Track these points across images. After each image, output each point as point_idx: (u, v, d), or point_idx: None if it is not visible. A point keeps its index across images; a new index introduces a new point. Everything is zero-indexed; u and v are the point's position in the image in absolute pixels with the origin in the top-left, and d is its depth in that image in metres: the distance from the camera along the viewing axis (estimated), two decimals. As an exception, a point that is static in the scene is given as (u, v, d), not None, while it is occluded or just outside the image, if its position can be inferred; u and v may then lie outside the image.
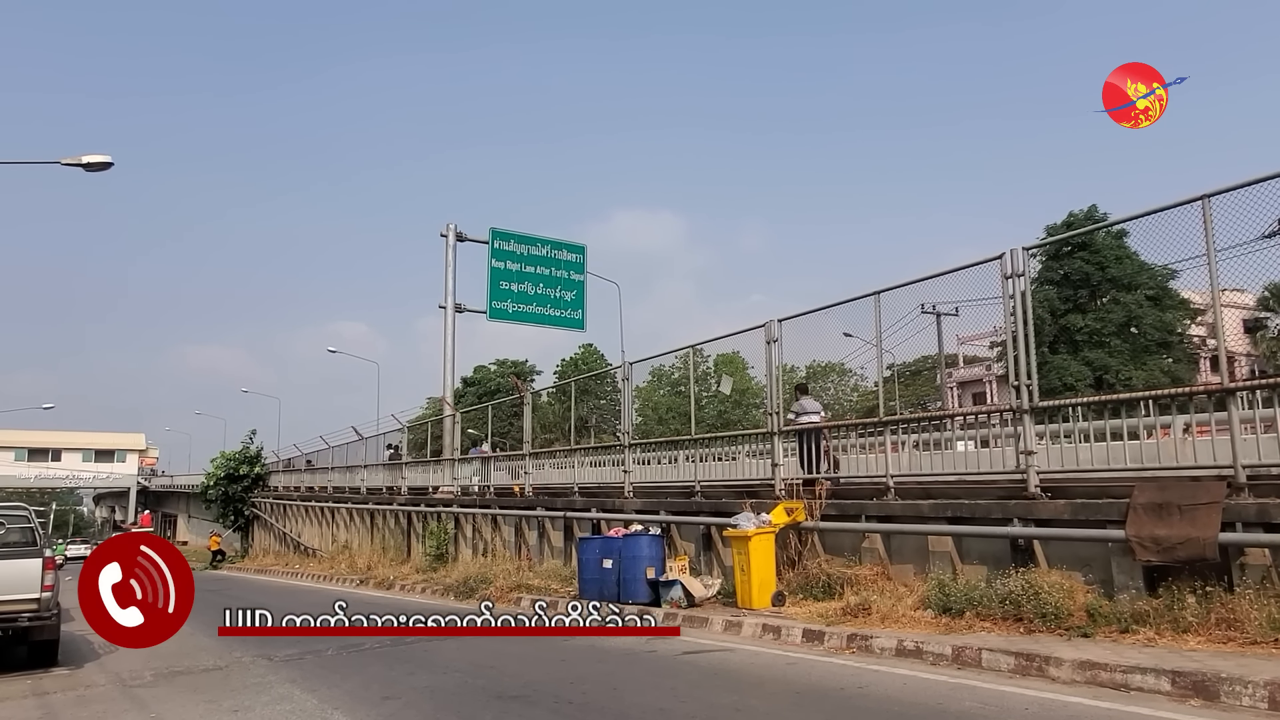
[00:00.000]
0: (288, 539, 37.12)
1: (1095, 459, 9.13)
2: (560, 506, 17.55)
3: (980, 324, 42.68)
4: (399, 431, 29.40)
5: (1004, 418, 10.58)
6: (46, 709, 7.68)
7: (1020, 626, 8.25)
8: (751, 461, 13.85)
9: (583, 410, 48.12)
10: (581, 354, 61.10)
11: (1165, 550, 7.73)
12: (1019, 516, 9.24)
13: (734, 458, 14.76)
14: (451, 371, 28.28)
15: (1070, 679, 6.74)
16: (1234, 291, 14.41)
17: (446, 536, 21.73)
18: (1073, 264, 37.37)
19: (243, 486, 42.59)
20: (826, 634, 8.99)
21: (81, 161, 16.33)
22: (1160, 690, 6.23)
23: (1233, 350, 24.97)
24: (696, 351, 17.35)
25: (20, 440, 74.22)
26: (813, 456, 12.25)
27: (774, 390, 13.06)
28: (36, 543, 10.76)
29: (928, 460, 11.14)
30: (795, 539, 11.71)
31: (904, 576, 10.38)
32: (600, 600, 12.66)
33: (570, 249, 29.65)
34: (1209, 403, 8.57)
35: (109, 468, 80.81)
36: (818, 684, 7.21)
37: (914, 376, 46.26)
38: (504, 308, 27.83)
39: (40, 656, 9.91)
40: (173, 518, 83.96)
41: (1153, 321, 36.24)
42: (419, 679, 8.15)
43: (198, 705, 7.40)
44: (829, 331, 12.73)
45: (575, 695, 7.10)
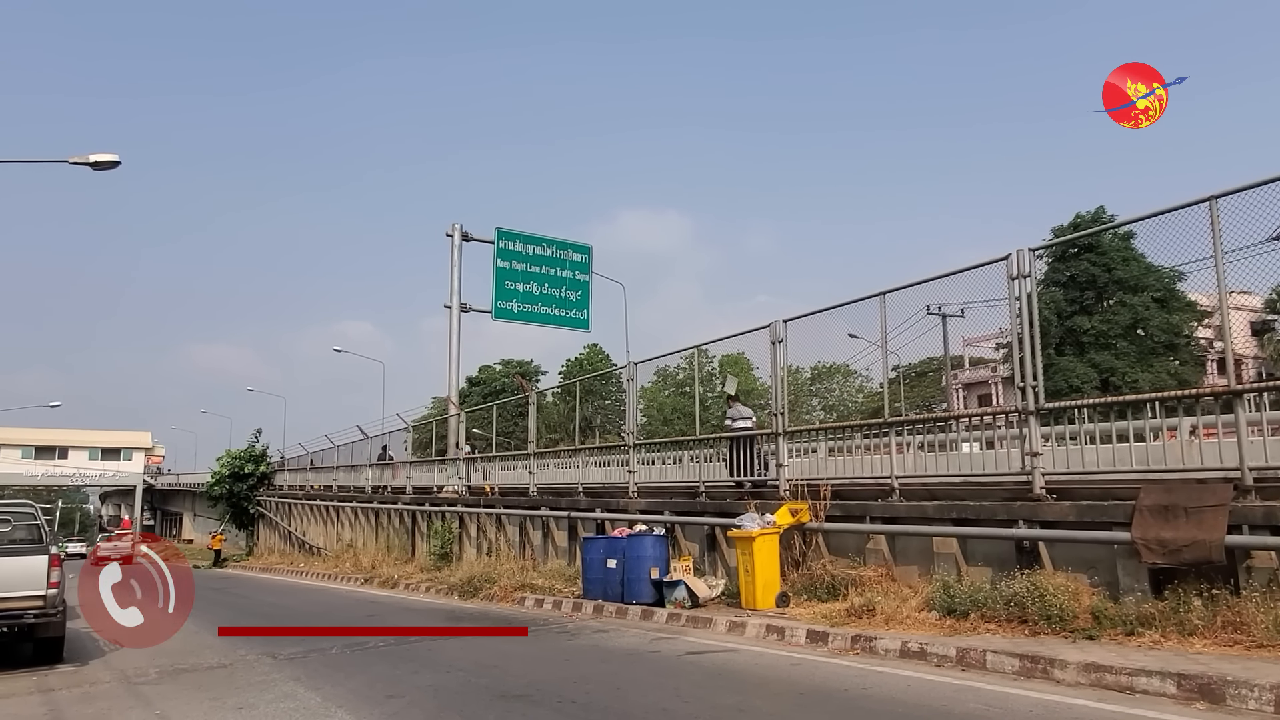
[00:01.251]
0: (293, 538, 37.21)
1: (1101, 461, 9.10)
2: (565, 506, 17.56)
3: (986, 325, 42.78)
4: (404, 431, 29.43)
5: (1009, 419, 10.56)
6: (52, 706, 7.70)
7: (1025, 628, 8.23)
8: (756, 462, 13.80)
9: (587, 410, 48.14)
10: (586, 354, 61.19)
11: (1171, 553, 7.70)
12: (1024, 518, 9.21)
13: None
14: (456, 371, 28.31)
15: (1075, 681, 6.72)
16: (1241, 294, 14.32)
17: (451, 536, 21.76)
18: (1079, 265, 37.27)
19: (248, 485, 42.70)
20: (831, 635, 8.98)
21: (89, 160, 16.39)
22: (1166, 693, 6.21)
23: (1240, 353, 24.88)
24: (701, 352, 17.34)
25: (27, 438, 74.58)
26: (743, 461, 13.29)
27: (779, 391, 13.05)
28: (42, 540, 10.80)
29: (933, 461, 11.11)
30: (799, 540, 11.70)
31: (908, 578, 10.36)
32: (605, 600, 12.71)
33: (575, 249, 29.66)
34: (1216, 405, 8.53)
35: (115, 466, 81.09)
36: (822, 685, 7.20)
37: (919, 378, 46.16)
38: (509, 308, 27.84)
39: (45, 653, 9.95)
40: (178, 516, 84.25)
41: (1159, 323, 36.12)
42: (423, 678, 8.16)
43: (202, 703, 7.41)
44: (834, 332, 12.72)
45: (578, 695, 7.10)
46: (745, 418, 14.01)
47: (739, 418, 13.95)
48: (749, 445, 13.37)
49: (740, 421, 13.88)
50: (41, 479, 75.89)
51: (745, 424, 13.86)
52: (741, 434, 13.58)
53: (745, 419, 13.98)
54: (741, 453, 13.42)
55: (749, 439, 13.48)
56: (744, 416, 14.03)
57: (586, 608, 12.85)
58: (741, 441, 13.49)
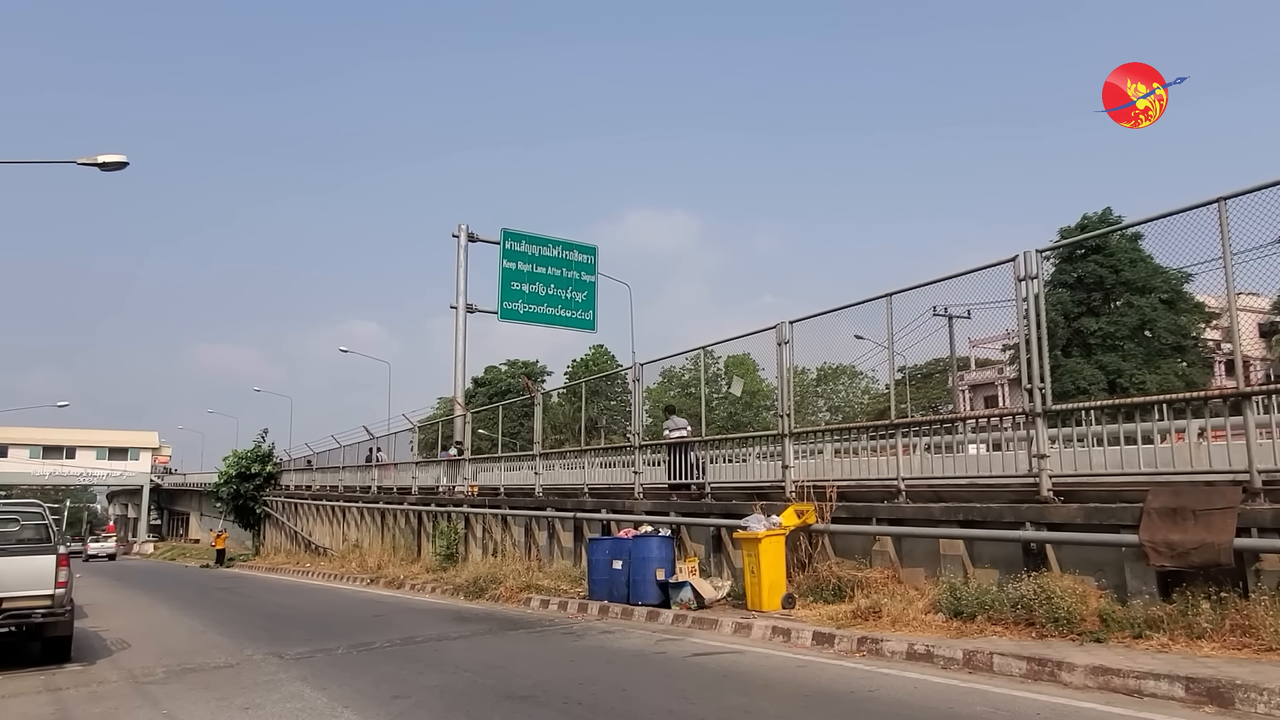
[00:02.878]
0: (299, 537, 37.27)
1: (1109, 463, 9.07)
2: (570, 507, 17.55)
3: (993, 327, 42.68)
4: (409, 431, 29.46)
5: (1016, 421, 10.52)
6: (59, 705, 7.73)
7: (1032, 631, 8.20)
8: (762, 463, 13.80)
9: (593, 411, 48.11)
10: (592, 355, 61.19)
11: (1179, 555, 7.67)
12: (1031, 520, 9.19)
13: (744, 459, 14.71)
14: (462, 372, 28.32)
15: (1083, 684, 6.70)
16: (1250, 295, 14.28)
17: (457, 536, 21.77)
18: (1086, 267, 37.15)
19: (254, 485, 42.78)
20: (837, 637, 8.96)
21: (97, 161, 16.43)
22: (1174, 696, 6.18)
23: (1248, 354, 24.74)
24: (707, 353, 17.31)
25: (35, 438, 74.83)
26: (679, 466, 14.73)
27: (785, 392, 13.03)
28: (50, 539, 10.84)
29: (939, 463, 11.07)
30: (805, 541, 11.68)
31: (915, 580, 10.34)
32: (610, 601, 12.70)
33: (581, 250, 29.66)
34: (1224, 407, 8.49)
35: (122, 465, 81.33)
36: (828, 687, 7.19)
37: (925, 379, 46.05)
38: (515, 308, 27.85)
39: (53, 652, 9.98)
40: (185, 516, 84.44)
41: (1167, 325, 35.97)
42: (429, 678, 8.16)
43: (209, 702, 7.43)
44: (841, 333, 12.68)
45: (584, 696, 7.10)
46: (681, 428, 15.43)
47: (675, 428, 15.42)
48: (684, 452, 14.81)
49: (676, 431, 15.34)
50: (49, 478, 76.19)
51: (680, 433, 15.29)
52: (677, 442, 14.93)
53: (681, 429, 15.39)
54: (677, 459, 14.82)
55: (684, 446, 14.84)
56: (680, 427, 15.45)
57: (592, 609, 12.84)
58: (678, 449, 14.89)
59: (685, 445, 14.76)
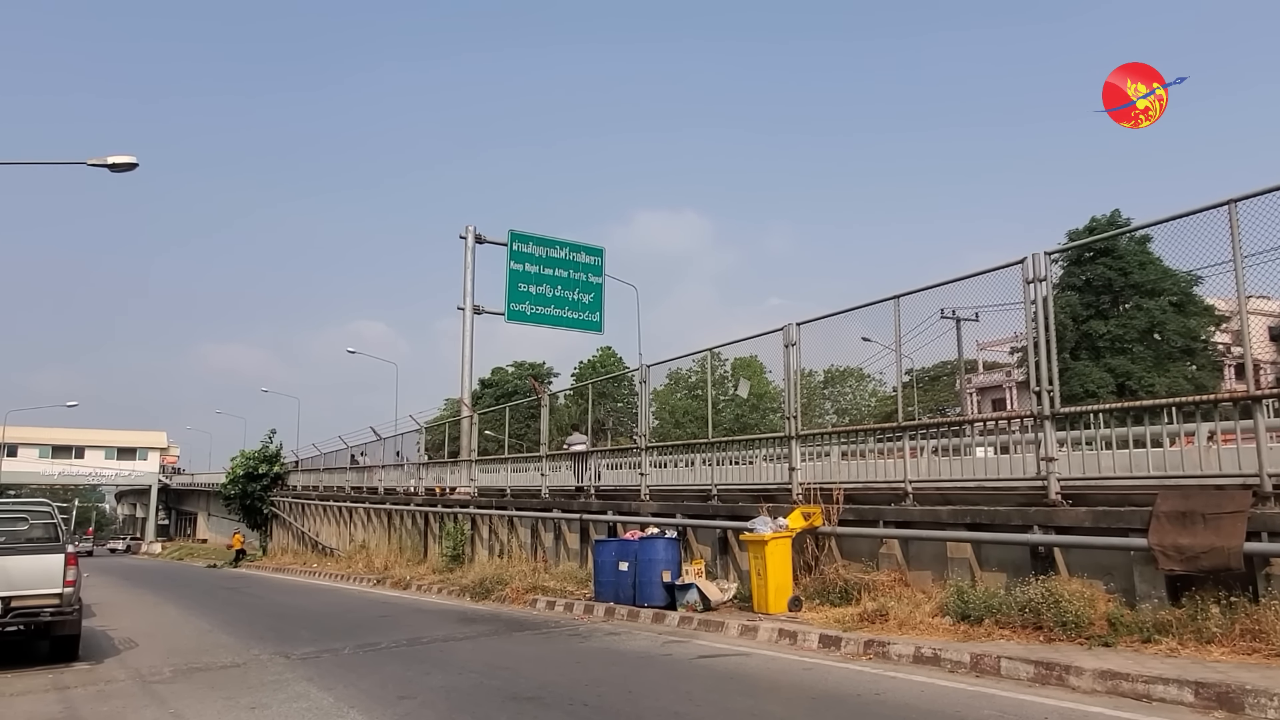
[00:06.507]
0: (306, 538, 37.37)
1: (1117, 466, 9.02)
2: (576, 509, 17.56)
3: (1001, 329, 42.50)
4: (417, 432, 29.51)
5: (1025, 424, 10.48)
6: (67, 704, 7.75)
7: (1040, 635, 8.16)
8: (769, 466, 13.78)
9: (600, 413, 48.14)
10: (599, 356, 61.18)
11: (1189, 559, 7.63)
12: (1039, 523, 9.15)
13: (751, 462, 14.69)
14: (469, 373, 28.39)
15: (1091, 688, 6.66)
16: (1260, 298, 14.16)
17: (463, 537, 21.79)
18: (1095, 269, 36.96)
19: (262, 485, 42.92)
20: (843, 640, 8.94)
21: (107, 162, 16.49)
22: (1183, 701, 6.14)
23: (1258, 357, 24.58)
24: (714, 355, 17.29)
25: (44, 437, 75.16)
26: (580, 471, 18.35)
27: (792, 394, 13.01)
28: (59, 539, 10.88)
29: (947, 466, 11.03)
30: (812, 544, 11.65)
31: (922, 583, 10.30)
32: (616, 603, 12.69)
33: (589, 251, 29.70)
34: (1234, 410, 8.43)
35: (131, 465, 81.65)
36: (834, 690, 7.17)
37: (933, 382, 45.98)
38: (522, 309, 27.91)
39: (61, 651, 10.02)
40: (192, 516, 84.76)
41: (1176, 328, 35.74)
42: (435, 679, 8.17)
43: (216, 702, 7.45)
44: (848, 335, 12.65)
45: (590, 698, 7.09)
46: (580, 442, 19.37)
47: (575, 443, 19.37)
48: (585, 461, 18.51)
49: (577, 445, 19.20)
50: (58, 478, 76.60)
51: (580, 447, 19.11)
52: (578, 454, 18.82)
53: (580, 444, 19.29)
54: (580, 466, 18.51)
55: (584, 456, 18.67)
56: (579, 442, 19.39)
57: (598, 610, 12.83)
58: (579, 458, 18.69)
59: (585, 455, 18.71)
